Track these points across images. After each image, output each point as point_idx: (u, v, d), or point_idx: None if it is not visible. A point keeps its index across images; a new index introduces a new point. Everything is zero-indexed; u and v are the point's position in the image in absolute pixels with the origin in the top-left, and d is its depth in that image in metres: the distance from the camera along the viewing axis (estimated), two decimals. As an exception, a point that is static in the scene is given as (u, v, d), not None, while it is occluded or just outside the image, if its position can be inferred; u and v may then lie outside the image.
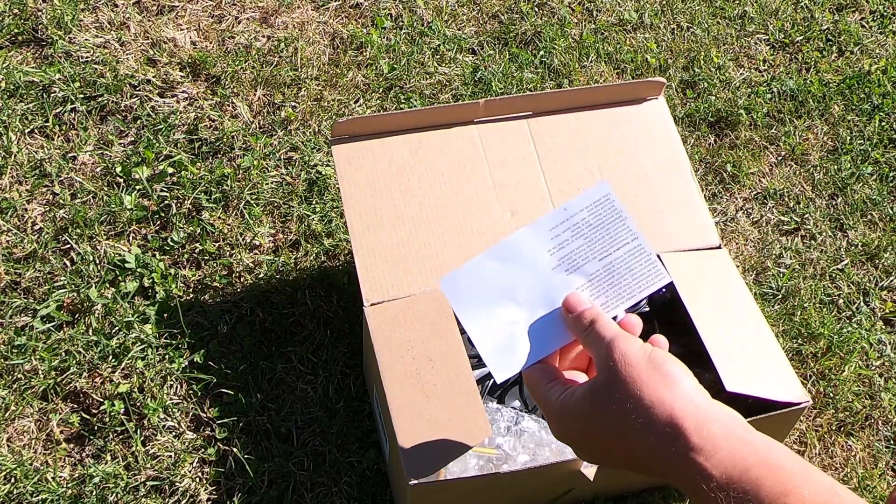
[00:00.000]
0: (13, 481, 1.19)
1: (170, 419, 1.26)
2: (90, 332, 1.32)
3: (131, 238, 1.43)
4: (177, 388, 1.29)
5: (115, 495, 1.19)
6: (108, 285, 1.37)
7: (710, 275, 1.19)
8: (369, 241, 1.16)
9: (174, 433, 1.25)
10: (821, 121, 1.72)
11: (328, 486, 1.23)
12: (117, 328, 1.32)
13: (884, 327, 1.47)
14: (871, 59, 1.83)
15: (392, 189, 1.20)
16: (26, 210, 1.44)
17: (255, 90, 1.62)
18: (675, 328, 1.21)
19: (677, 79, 1.74)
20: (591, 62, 1.74)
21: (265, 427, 1.27)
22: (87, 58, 1.62)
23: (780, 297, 1.47)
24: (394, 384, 1.06)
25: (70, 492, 1.19)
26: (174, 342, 1.32)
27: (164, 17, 1.71)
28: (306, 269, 1.42)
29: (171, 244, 1.42)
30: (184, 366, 1.30)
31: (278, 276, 1.40)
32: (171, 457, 1.23)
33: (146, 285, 1.37)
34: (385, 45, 1.72)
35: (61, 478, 1.21)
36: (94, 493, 1.19)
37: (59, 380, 1.28)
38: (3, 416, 1.24)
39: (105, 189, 1.47)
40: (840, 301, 1.48)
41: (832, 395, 1.37)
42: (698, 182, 1.30)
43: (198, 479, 1.22)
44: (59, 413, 1.26)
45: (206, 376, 1.29)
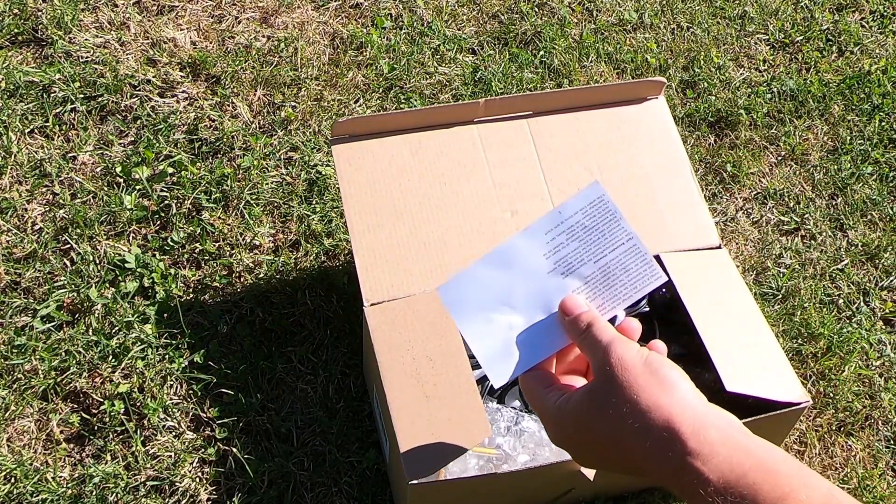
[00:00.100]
0: (13, 481, 1.19)
1: (170, 419, 1.26)
2: (90, 332, 1.32)
3: (131, 238, 1.43)
4: (177, 388, 1.29)
5: (115, 495, 1.19)
6: (108, 285, 1.37)
7: (710, 275, 1.19)
8: (369, 241, 1.16)
9: (174, 433, 1.25)
10: (821, 121, 1.72)
11: (328, 486, 1.23)
12: (117, 328, 1.32)
13: (884, 327, 1.47)
14: (871, 59, 1.83)
15: (392, 189, 1.19)
16: (26, 210, 1.44)
17: (255, 90, 1.62)
18: (675, 328, 1.21)
19: (677, 79, 1.74)
20: (591, 62, 1.74)
21: (265, 427, 1.27)
22: (87, 58, 1.62)
23: (780, 297, 1.47)
24: (394, 384, 1.06)
25: (70, 492, 1.19)
26: (174, 342, 1.32)
27: (164, 17, 1.71)
28: (306, 269, 1.42)
29: (171, 244, 1.42)
30: (184, 366, 1.30)
31: (278, 276, 1.40)
32: (171, 457, 1.23)
33: (146, 285, 1.37)
34: (385, 45, 1.72)
35: (61, 478, 1.21)
36: (94, 493, 1.19)
37: (59, 380, 1.28)
38: (3, 416, 1.24)
39: (105, 189, 1.47)
40: (840, 301, 1.48)
41: (832, 395, 1.37)
42: (698, 182, 1.30)
43: (198, 479, 1.22)
44: (59, 413, 1.26)
45: (206, 376, 1.29)
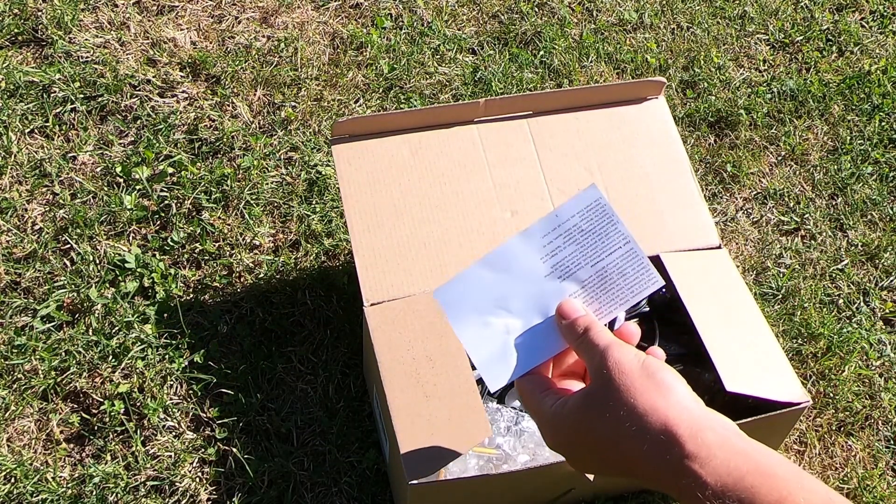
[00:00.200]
0: (13, 481, 1.19)
1: (170, 419, 1.26)
2: (90, 332, 1.32)
3: (131, 238, 1.43)
4: (177, 388, 1.29)
5: (115, 495, 1.19)
6: (108, 285, 1.37)
7: (710, 275, 1.18)
8: (369, 241, 1.16)
9: (174, 433, 1.25)
10: (821, 121, 1.72)
11: (328, 486, 1.23)
12: (117, 328, 1.32)
13: (884, 327, 1.47)
14: (871, 59, 1.83)
15: (392, 189, 1.19)
16: (26, 210, 1.44)
17: (255, 90, 1.62)
18: (675, 328, 1.21)
19: (677, 79, 1.74)
20: (591, 62, 1.74)
21: (265, 427, 1.27)
22: (87, 58, 1.62)
23: (780, 297, 1.47)
24: (394, 384, 1.06)
25: (70, 492, 1.19)
26: (174, 342, 1.32)
27: (164, 17, 1.71)
28: (306, 269, 1.42)
29: (171, 244, 1.42)
30: (184, 366, 1.30)
31: (278, 276, 1.40)
32: (171, 457, 1.23)
33: (146, 285, 1.37)
34: (385, 45, 1.72)
35: (61, 478, 1.21)
36: (94, 493, 1.19)
37: (59, 380, 1.28)
38: (3, 416, 1.24)
39: (105, 189, 1.47)
40: (840, 301, 1.48)
41: (832, 395, 1.37)
42: (698, 182, 1.30)
43: (198, 479, 1.22)
44: (59, 413, 1.26)
45: (206, 376, 1.29)
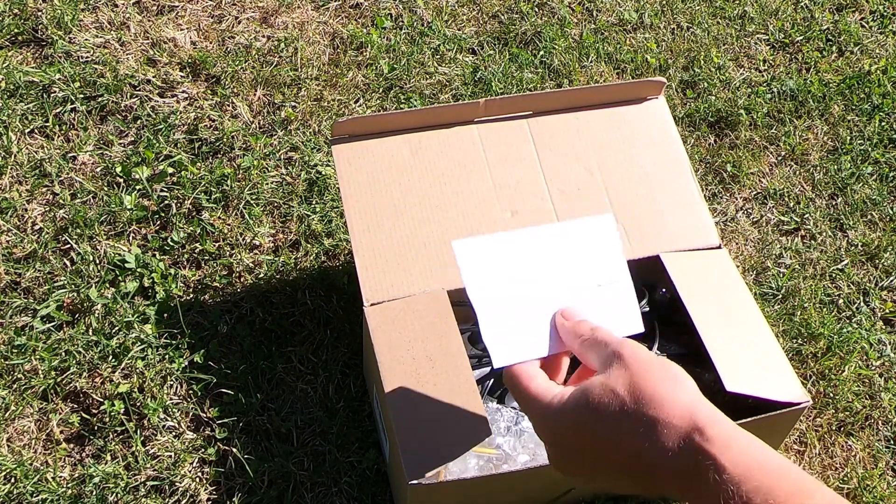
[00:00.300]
0: (13, 481, 1.19)
1: (170, 419, 1.26)
2: (90, 332, 1.32)
3: (131, 238, 1.43)
4: (177, 388, 1.29)
5: (115, 495, 1.19)
6: (108, 285, 1.37)
7: (710, 275, 1.18)
8: (369, 241, 1.16)
9: (174, 433, 1.25)
10: (821, 121, 1.72)
11: (328, 486, 1.23)
12: (117, 328, 1.32)
13: (884, 327, 1.47)
14: (871, 59, 1.83)
15: (392, 189, 1.19)
16: (26, 210, 1.44)
17: (255, 90, 1.62)
18: (675, 328, 1.21)
19: (677, 79, 1.74)
20: (591, 62, 1.74)
21: (265, 427, 1.27)
22: (87, 58, 1.62)
23: (780, 297, 1.47)
24: (394, 384, 1.06)
25: (70, 492, 1.19)
26: (174, 342, 1.32)
27: (164, 17, 1.71)
28: (306, 269, 1.42)
29: (171, 244, 1.42)
30: (184, 366, 1.30)
31: (278, 276, 1.40)
32: (171, 457, 1.23)
33: (146, 285, 1.37)
34: (385, 45, 1.72)
35: (61, 478, 1.21)
36: (94, 493, 1.19)
37: (59, 380, 1.28)
38: (3, 416, 1.24)
39: (105, 189, 1.47)
40: (840, 301, 1.48)
41: (832, 395, 1.37)
42: (698, 182, 1.30)
43: (198, 479, 1.22)
44: (59, 413, 1.26)
45: (206, 376, 1.29)
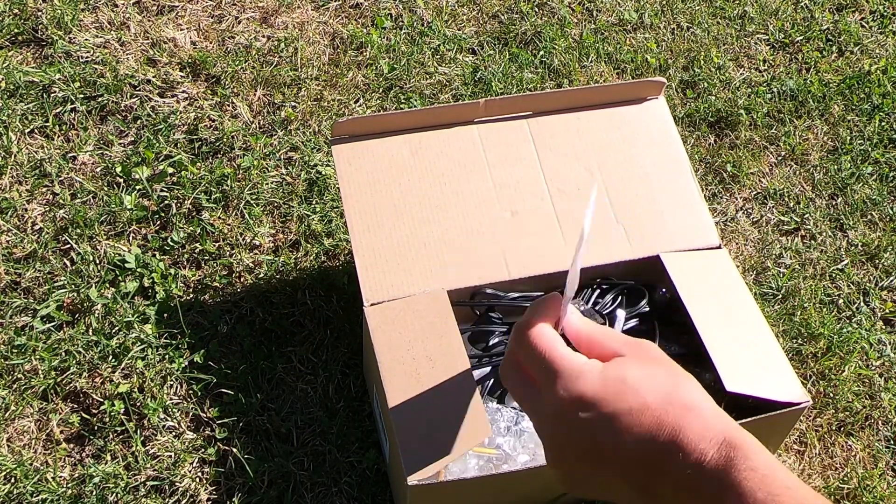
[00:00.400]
0: (13, 481, 1.19)
1: (170, 419, 1.26)
2: (90, 332, 1.32)
3: (131, 238, 1.43)
4: (177, 388, 1.29)
5: (115, 495, 1.19)
6: (108, 285, 1.37)
7: (710, 275, 1.18)
8: (369, 241, 1.16)
9: (174, 433, 1.25)
10: (821, 121, 1.72)
11: (328, 486, 1.23)
12: (117, 328, 1.32)
13: (884, 327, 1.47)
14: (871, 59, 1.83)
15: (392, 189, 1.19)
16: (26, 210, 1.44)
17: (255, 90, 1.62)
18: (675, 328, 1.21)
19: (677, 79, 1.74)
20: (591, 62, 1.74)
21: (265, 427, 1.27)
22: (87, 58, 1.62)
23: (780, 297, 1.47)
24: (394, 384, 1.06)
25: (70, 492, 1.19)
26: (174, 342, 1.32)
27: (164, 17, 1.71)
28: (306, 269, 1.42)
29: (171, 244, 1.42)
30: (184, 366, 1.30)
31: (278, 276, 1.40)
32: (171, 457, 1.23)
33: (146, 285, 1.37)
34: (385, 45, 1.72)
35: (61, 478, 1.21)
36: (94, 493, 1.19)
37: (59, 380, 1.28)
38: (3, 416, 1.24)
39: (105, 189, 1.47)
40: (840, 301, 1.48)
41: (832, 395, 1.37)
42: (698, 182, 1.30)
43: (198, 479, 1.22)
44: (59, 413, 1.26)
45: (206, 376, 1.29)
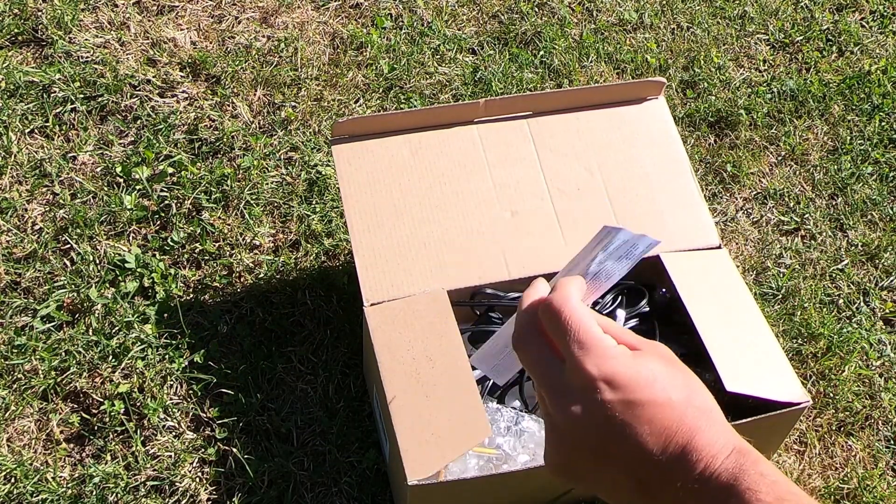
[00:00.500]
0: (13, 481, 1.19)
1: (170, 419, 1.26)
2: (90, 332, 1.32)
3: (131, 238, 1.43)
4: (177, 388, 1.29)
5: (115, 495, 1.19)
6: (108, 285, 1.37)
7: (710, 275, 1.18)
8: (369, 241, 1.16)
9: (174, 433, 1.25)
10: (821, 121, 1.72)
11: (328, 486, 1.23)
12: (117, 328, 1.32)
13: (884, 327, 1.47)
14: (871, 59, 1.83)
15: (392, 189, 1.19)
16: (26, 210, 1.44)
17: (255, 90, 1.62)
18: (675, 328, 1.21)
19: (677, 79, 1.74)
20: (591, 62, 1.74)
21: (265, 427, 1.27)
22: (87, 58, 1.62)
23: (780, 297, 1.47)
24: (394, 384, 1.06)
25: (70, 492, 1.19)
26: (174, 342, 1.32)
27: (164, 17, 1.71)
28: (306, 269, 1.42)
29: (171, 244, 1.42)
30: (184, 366, 1.30)
31: (278, 276, 1.40)
32: (171, 457, 1.23)
33: (146, 285, 1.37)
34: (385, 45, 1.72)
35: (61, 478, 1.21)
36: (94, 493, 1.19)
37: (59, 380, 1.28)
38: (3, 416, 1.24)
39: (105, 189, 1.47)
40: (840, 301, 1.48)
41: (832, 395, 1.37)
42: (698, 182, 1.30)
43: (198, 479, 1.22)
44: (59, 413, 1.26)
45: (206, 376, 1.29)
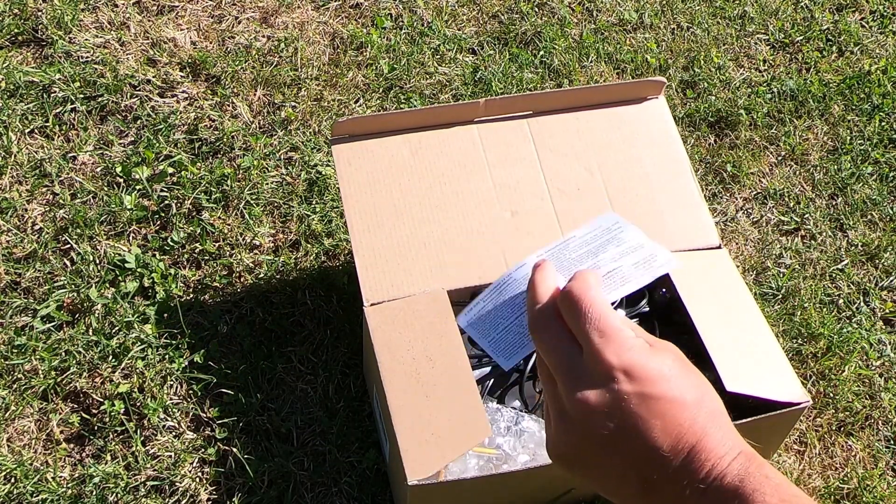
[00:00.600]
0: (13, 481, 1.19)
1: (170, 419, 1.26)
2: (90, 332, 1.32)
3: (131, 238, 1.43)
4: (177, 388, 1.29)
5: (115, 495, 1.19)
6: (108, 285, 1.37)
7: (710, 275, 1.18)
8: (369, 241, 1.16)
9: (174, 433, 1.25)
10: (821, 121, 1.72)
11: (328, 486, 1.23)
12: (117, 328, 1.32)
13: (884, 327, 1.47)
14: (871, 59, 1.83)
15: (392, 189, 1.19)
16: (26, 210, 1.44)
17: (255, 90, 1.62)
18: (675, 328, 1.21)
19: (677, 79, 1.74)
20: (591, 62, 1.74)
21: (265, 427, 1.27)
22: (87, 58, 1.62)
23: (780, 297, 1.47)
24: (394, 384, 1.06)
25: (70, 492, 1.19)
26: (174, 342, 1.32)
27: (164, 17, 1.71)
28: (306, 269, 1.42)
29: (171, 244, 1.42)
30: (184, 366, 1.30)
31: (278, 276, 1.40)
32: (171, 457, 1.23)
33: (146, 285, 1.37)
34: (385, 45, 1.72)
35: (61, 478, 1.21)
36: (94, 493, 1.19)
37: (59, 380, 1.28)
38: (3, 416, 1.24)
39: (105, 189, 1.47)
40: (840, 301, 1.48)
41: (832, 395, 1.37)
42: (698, 182, 1.30)
43: (198, 479, 1.22)
44: (59, 413, 1.26)
45: (206, 376, 1.29)
